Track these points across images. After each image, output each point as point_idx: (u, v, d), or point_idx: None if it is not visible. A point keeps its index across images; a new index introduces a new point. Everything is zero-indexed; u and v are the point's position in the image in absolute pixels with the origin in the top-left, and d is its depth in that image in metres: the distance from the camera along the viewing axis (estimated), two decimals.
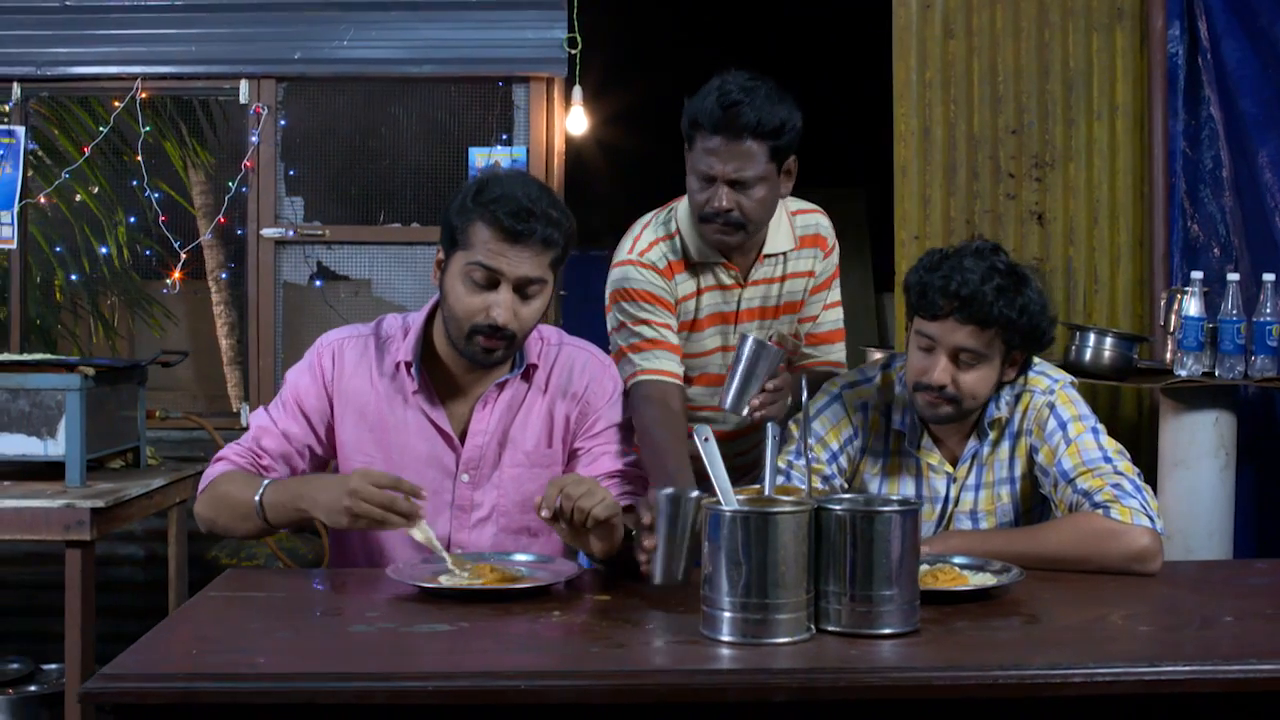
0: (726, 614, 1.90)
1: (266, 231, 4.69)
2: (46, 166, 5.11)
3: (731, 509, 1.91)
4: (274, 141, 4.68)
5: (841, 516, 1.94)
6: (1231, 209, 4.34)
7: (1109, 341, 3.89)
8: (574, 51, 4.65)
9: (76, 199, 5.64)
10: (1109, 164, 4.51)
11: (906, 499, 2.12)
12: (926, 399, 2.48)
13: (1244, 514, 4.04)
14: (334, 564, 2.61)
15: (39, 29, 4.64)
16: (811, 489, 2.20)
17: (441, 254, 2.44)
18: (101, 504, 3.37)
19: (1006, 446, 2.60)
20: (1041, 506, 2.64)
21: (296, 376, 2.54)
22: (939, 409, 2.48)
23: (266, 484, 2.35)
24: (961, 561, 2.28)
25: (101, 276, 6.13)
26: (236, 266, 5.78)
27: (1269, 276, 3.66)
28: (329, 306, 4.83)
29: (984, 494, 2.60)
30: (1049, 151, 4.52)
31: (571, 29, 4.64)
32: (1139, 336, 4.03)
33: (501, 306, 2.34)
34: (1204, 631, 2.06)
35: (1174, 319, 3.88)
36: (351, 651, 1.94)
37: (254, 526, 2.37)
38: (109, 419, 3.73)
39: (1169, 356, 3.93)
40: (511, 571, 2.25)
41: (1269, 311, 3.64)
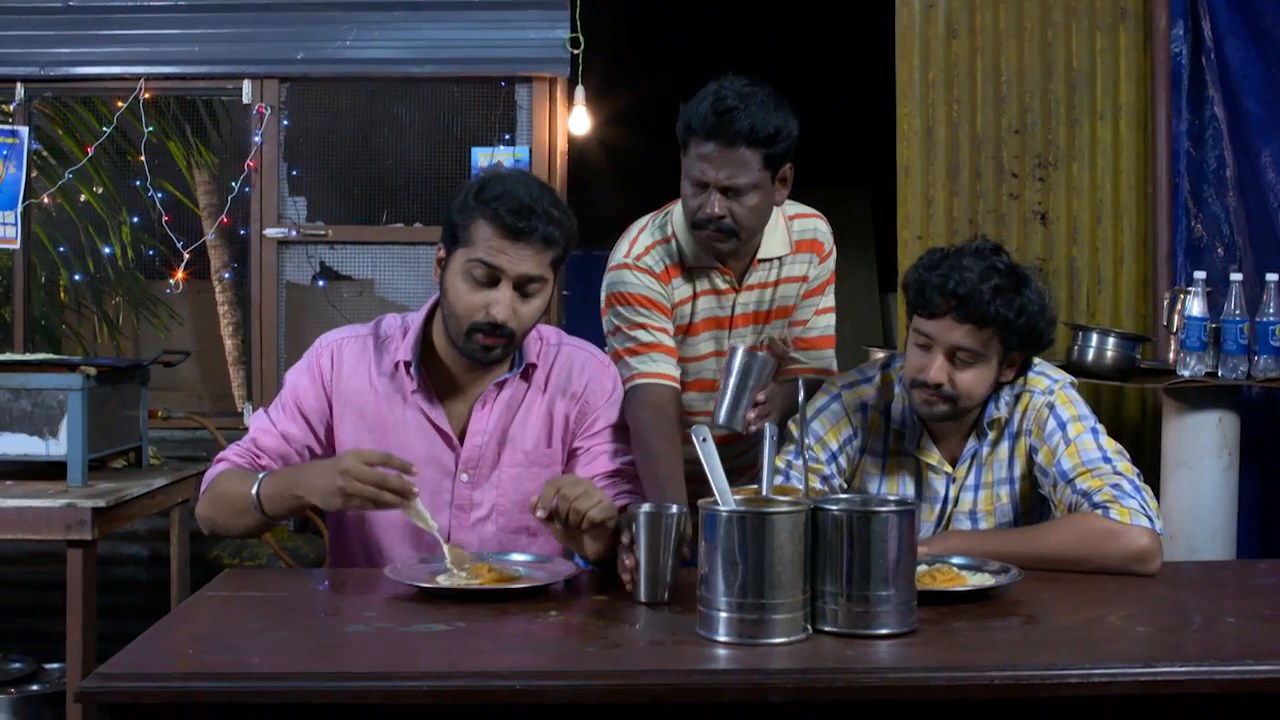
0: (723, 614, 1.89)
1: (269, 231, 4.69)
2: (51, 167, 5.12)
3: (728, 509, 1.91)
4: (277, 141, 4.68)
5: (838, 517, 1.94)
6: (1235, 209, 4.33)
7: (1111, 342, 3.89)
8: (576, 51, 4.65)
9: (81, 199, 5.65)
10: (1112, 164, 4.50)
11: (904, 499, 2.11)
12: (923, 397, 2.48)
13: (1247, 515, 4.03)
14: (333, 564, 2.61)
15: (42, 29, 4.64)
16: (809, 489, 2.20)
17: (442, 251, 2.44)
18: (103, 504, 3.37)
19: (1006, 446, 2.60)
20: (1041, 507, 2.63)
21: (295, 377, 2.54)
22: (935, 407, 2.48)
23: (263, 476, 2.35)
24: (960, 562, 2.28)
25: (106, 276, 6.15)
26: (240, 266, 5.79)
27: (1272, 276, 3.65)
28: (332, 307, 4.84)
29: (983, 494, 2.60)
30: (1052, 151, 4.51)
31: (574, 29, 4.64)
32: (1141, 337, 4.02)
33: (501, 304, 2.34)
34: (1202, 632, 2.06)
35: (1177, 319, 3.87)
36: (348, 651, 1.94)
37: (252, 520, 2.36)
38: (111, 419, 3.73)
39: (1172, 357, 3.92)
40: (509, 571, 2.25)
41: (1272, 311, 3.63)
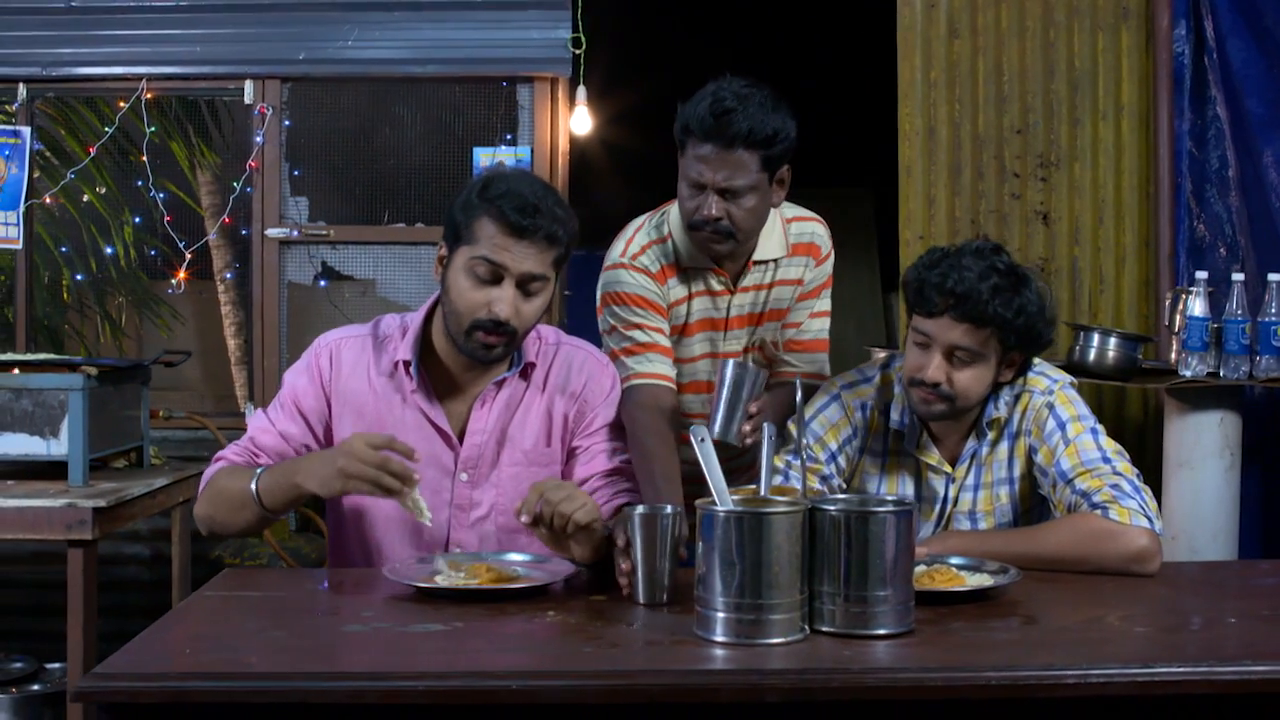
0: (720, 614, 1.89)
1: (271, 231, 4.69)
2: (54, 167, 5.12)
3: (725, 509, 1.91)
4: (278, 142, 4.69)
5: (836, 517, 1.94)
6: (1237, 209, 4.32)
7: (1113, 342, 3.88)
8: (578, 51, 4.65)
9: (84, 199, 5.66)
10: (1114, 164, 4.49)
11: (901, 499, 2.11)
12: (920, 396, 2.48)
13: (1249, 515, 4.03)
14: (332, 564, 2.61)
15: (44, 29, 4.65)
16: (806, 489, 2.19)
17: (444, 249, 2.44)
18: (104, 503, 3.38)
19: (1005, 447, 2.59)
20: (1040, 507, 2.63)
21: (294, 378, 2.54)
22: (932, 406, 2.48)
23: (261, 470, 2.35)
24: (958, 562, 2.28)
25: (109, 277, 6.15)
26: (243, 266, 5.80)
27: (1274, 276, 3.64)
28: (334, 307, 4.84)
29: (983, 494, 2.59)
30: (1054, 151, 4.50)
31: (576, 29, 4.64)
32: (1143, 337, 4.02)
33: (504, 302, 2.35)
34: (1201, 633, 2.06)
35: (1179, 319, 3.86)
36: (345, 651, 1.94)
37: (250, 514, 2.35)
38: (112, 419, 3.74)
39: (1174, 357, 3.91)
40: (507, 571, 2.25)
41: (1274, 311, 3.62)
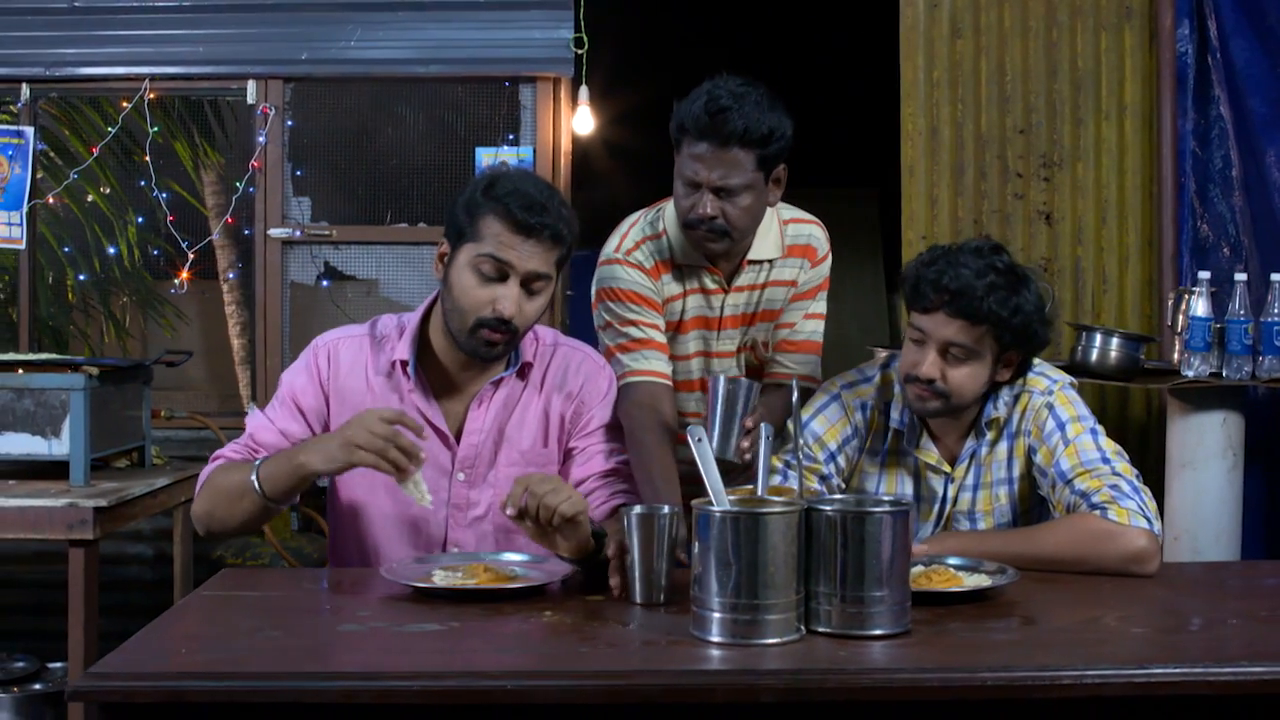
0: (716, 614, 1.89)
1: (274, 231, 4.69)
2: (57, 167, 5.13)
3: (721, 509, 1.91)
4: (281, 142, 4.69)
5: (832, 517, 1.93)
6: (1241, 209, 4.31)
7: (1115, 342, 3.87)
8: (580, 51, 4.65)
9: (88, 199, 5.67)
10: (1117, 163, 4.49)
11: (899, 499, 2.11)
12: (915, 392, 2.48)
13: (1252, 516, 4.02)
14: (333, 563, 2.61)
15: (47, 29, 4.66)
16: (803, 489, 2.19)
17: (446, 246, 2.45)
18: (105, 503, 3.38)
19: (1005, 447, 2.59)
20: (1040, 507, 2.62)
21: (293, 376, 2.54)
22: (927, 403, 2.48)
23: (260, 461, 2.35)
24: (956, 562, 2.27)
25: (113, 277, 6.16)
26: (246, 266, 5.80)
27: (1277, 276, 3.62)
28: (336, 307, 4.84)
29: (982, 494, 2.59)
30: (1057, 151, 4.50)
31: (578, 29, 4.64)
32: (1145, 337, 4.01)
33: (509, 300, 2.35)
34: (1199, 634, 2.05)
35: (1181, 319, 3.85)
36: (340, 651, 1.94)
37: (251, 503, 2.33)
38: (114, 418, 3.74)
39: (1176, 357, 3.90)
40: (505, 571, 2.25)
41: (1276, 312, 3.60)
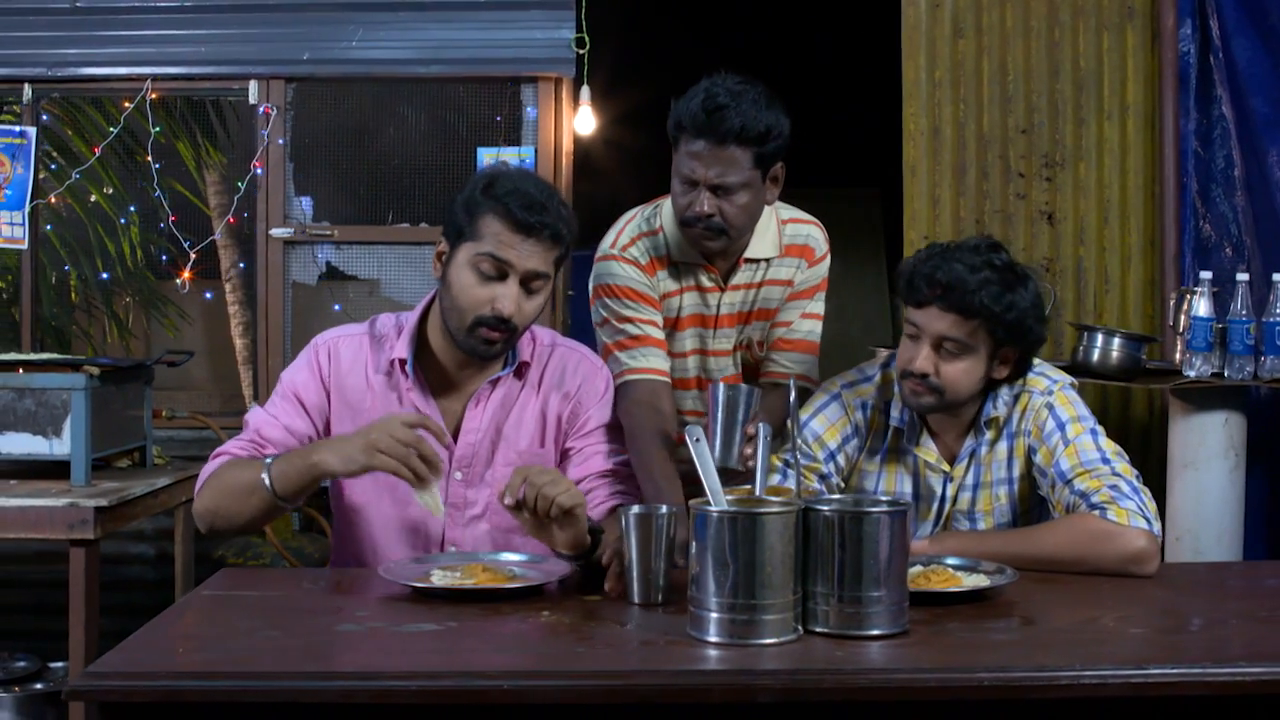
0: (713, 615, 1.89)
1: (275, 231, 4.70)
2: (60, 167, 5.14)
3: (718, 509, 1.91)
4: (283, 142, 4.69)
5: (829, 517, 1.93)
6: (1243, 209, 4.30)
7: (1116, 342, 3.86)
8: (582, 51, 4.65)
9: (91, 199, 5.67)
10: (1120, 163, 4.48)
11: (896, 500, 2.10)
12: (910, 387, 2.49)
13: (1254, 516, 4.01)
14: (335, 563, 2.61)
15: (49, 30, 4.66)
16: (801, 489, 2.19)
17: (444, 245, 2.45)
18: (105, 503, 3.38)
19: (1005, 447, 2.59)
20: (1040, 508, 2.62)
21: (294, 373, 2.53)
22: (921, 398, 2.48)
23: (271, 459, 2.32)
24: (955, 563, 2.27)
25: (115, 277, 6.16)
26: (249, 266, 5.80)
27: (1279, 276, 3.62)
28: (338, 307, 4.84)
29: (982, 494, 2.59)
30: (1059, 151, 4.49)
31: (579, 29, 4.64)
32: (1147, 337, 4.00)
33: (508, 298, 2.36)
34: (1197, 634, 2.05)
35: (1183, 319, 3.85)
36: (338, 651, 1.94)
37: (259, 501, 2.31)
38: (115, 418, 3.74)
39: (1178, 357, 3.90)
40: (503, 571, 2.25)
41: (1279, 312, 3.60)
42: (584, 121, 4.80)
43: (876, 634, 1.91)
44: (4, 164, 4.65)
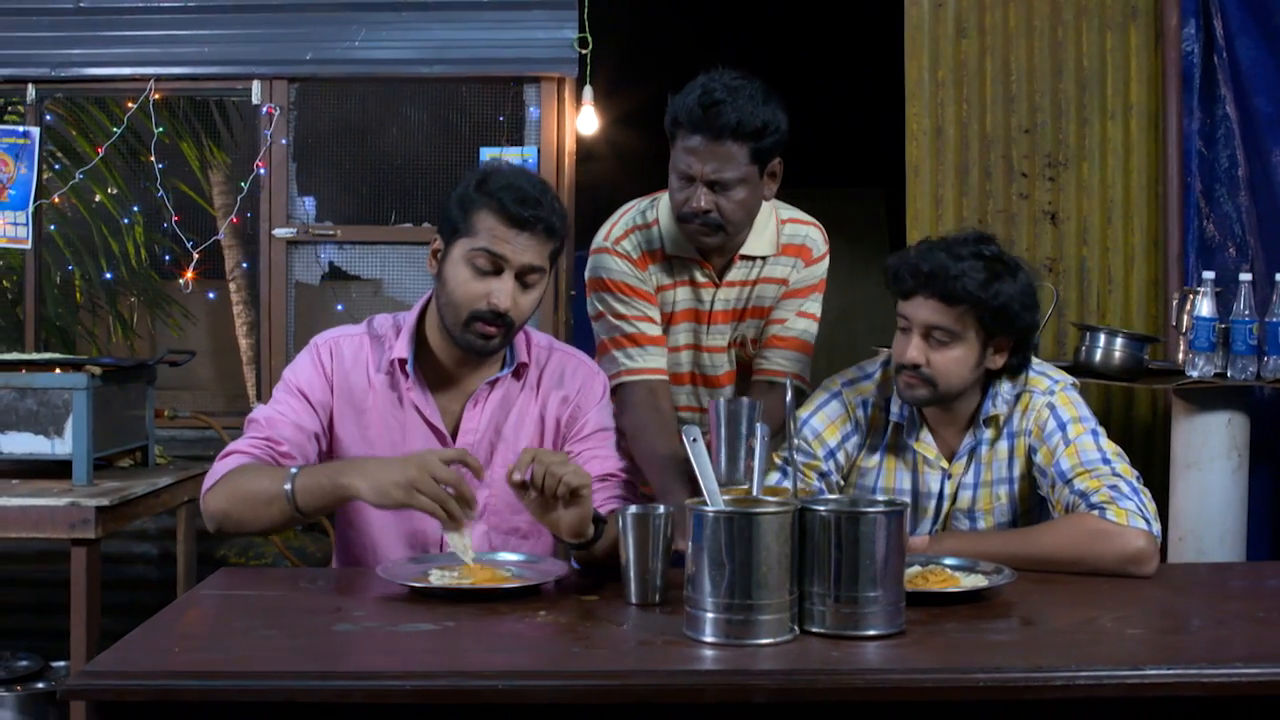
0: (709, 615, 1.89)
1: (278, 231, 4.70)
2: (65, 167, 5.14)
3: (714, 509, 1.91)
4: (286, 142, 4.69)
5: (826, 517, 1.93)
6: (1247, 209, 4.29)
7: (1119, 342, 3.86)
8: (585, 51, 4.65)
9: (95, 199, 5.68)
10: (1123, 163, 4.47)
11: (893, 500, 2.10)
12: (904, 379, 2.50)
13: (1257, 517, 4.00)
14: (337, 564, 2.61)
15: (52, 30, 4.67)
16: (797, 490, 2.18)
17: (439, 243, 2.45)
18: (107, 502, 3.38)
19: (1006, 446, 2.58)
20: (1041, 508, 2.62)
21: (298, 371, 2.51)
22: (915, 390, 2.49)
23: (296, 470, 2.29)
24: (953, 563, 2.27)
25: (120, 277, 6.17)
26: (253, 266, 5.81)
27: None
28: (341, 307, 4.85)
29: (982, 492, 2.59)
30: (1062, 151, 4.48)
31: (582, 29, 4.64)
32: (1149, 337, 3.99)
33: (504, 293, 2.36)
34: (1195, 635, 2.04)
35: (1186, 319, 3.84)
36: (334, 650, 1.94)
37: (278, 511, 2.27)
38: (117, 418, 3.75)
39: (1181, 357, 3.89)
40: (500, 571, 2.25)
41: None
42: (586, 121, 4.80)
43: (873, 634, 1.91)
44: (8, 164, 4.66)
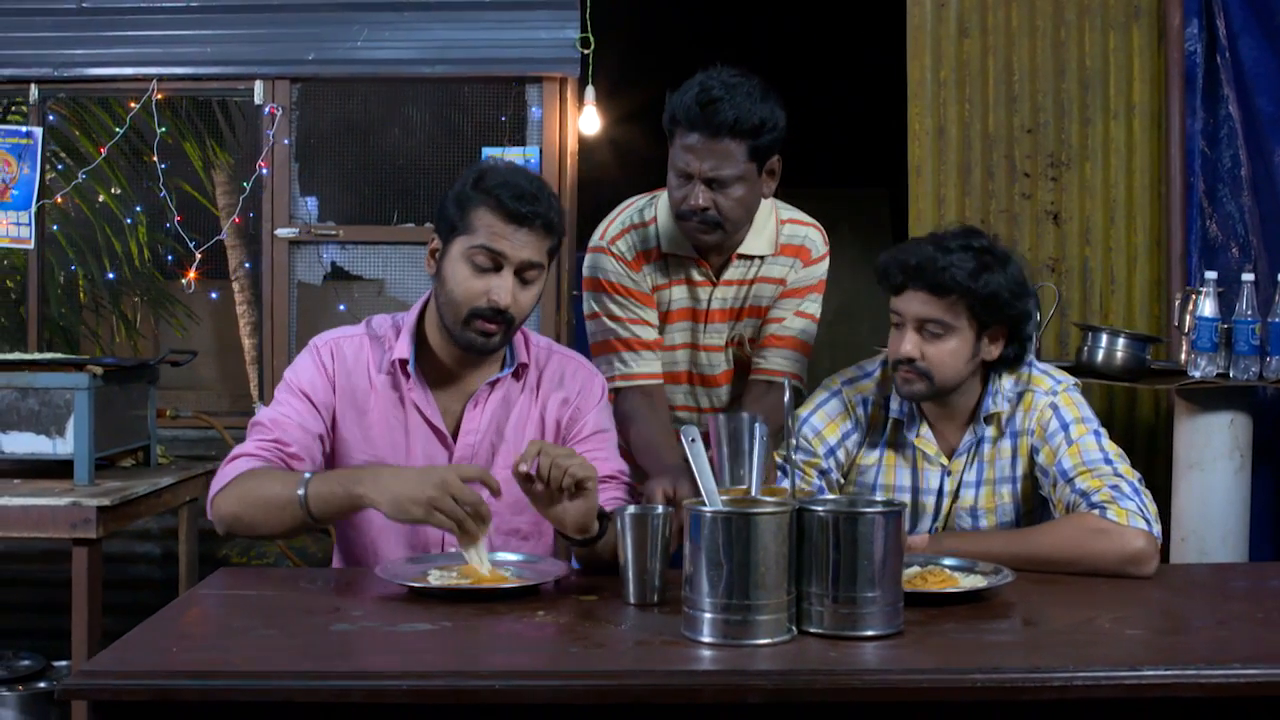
0: (707, 615, 1.89)
1: (280, 231, 4.70)
2: (67, 167, 5.15)
3: (712, 510, 1.90)
4: (288, 142, 4.70)
5: (824, 518, 1.93)
6: (1250, 209, 4.28)
7: (1122, 342, 3.85)
8: (587, 51, 4.65)
9: (98, 199, 5.69)
10: (1126, 163, 4.46)
11: (891, 500, 2.10)
12: (901, 375, 2.51)
13: (1260, 517, 3.99)
14: (338, 563, 2.61)
15: (54, 30, 4.68)
16: (795, 490, 2.18)
17: (437, 242, 2.45)
18: (108, 502, 3.39)
19: (1009, 445, 2.58)
20: (1043, 508, 2.62)
21: (300, 372, 2.50)
22: (912, 385, 2.49)
23: (309, 476, 2.28)
24: (952, 563, 2.27)
25: (123, 277, 6.18)
26: (256, 266, 5.81)
27: None
28: (343, 307, 4.85)
29: (984, 491, 2.58)
30: (1065, 151, 4.47)
31: (584, 29, 4.64)
32: (1152, 337, 3.98)
33: (503, 289, 2.36)
34: (1194, 636, 2.04)
35: (1188, 319, 3.83)
36: (332, 650, 1.93)
37: (290, 517, 2.26)
38: (119, 418, 3.75)
39: (1183, 357, 3.88)
40: (500, 572, 2.24)
41: None
42: (589, 121, 4.80)
43: (871, 634, 1.90)
44: (10, 164, 4.67)
